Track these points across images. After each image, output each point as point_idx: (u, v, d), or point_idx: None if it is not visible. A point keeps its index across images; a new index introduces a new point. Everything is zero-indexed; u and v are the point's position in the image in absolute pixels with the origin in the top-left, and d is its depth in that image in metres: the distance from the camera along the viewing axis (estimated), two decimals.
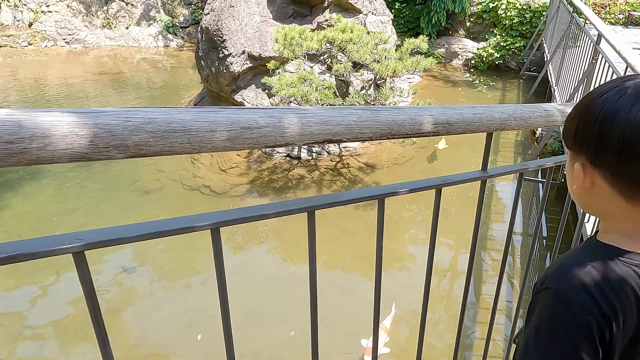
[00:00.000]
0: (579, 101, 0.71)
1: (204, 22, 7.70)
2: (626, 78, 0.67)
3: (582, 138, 0.68)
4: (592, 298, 0.65)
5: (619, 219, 0.71)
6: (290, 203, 0.88)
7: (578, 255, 0.72)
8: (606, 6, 15.56)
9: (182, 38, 15.87)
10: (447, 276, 4.74)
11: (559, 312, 0.67)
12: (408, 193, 1.06)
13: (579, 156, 0.70)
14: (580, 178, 0.70)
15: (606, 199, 0.70)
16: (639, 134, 0.61)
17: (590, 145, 0.67)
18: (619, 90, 0.64)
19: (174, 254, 5.06)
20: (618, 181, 0.67)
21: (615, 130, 0.62)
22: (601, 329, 0.65)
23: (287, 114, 0.77)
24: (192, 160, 6.99)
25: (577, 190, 0.73)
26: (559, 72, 7.14)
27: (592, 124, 0.65)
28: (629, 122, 0.61)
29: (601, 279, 0.66)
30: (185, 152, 0.66)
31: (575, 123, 0.69)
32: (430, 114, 0.99)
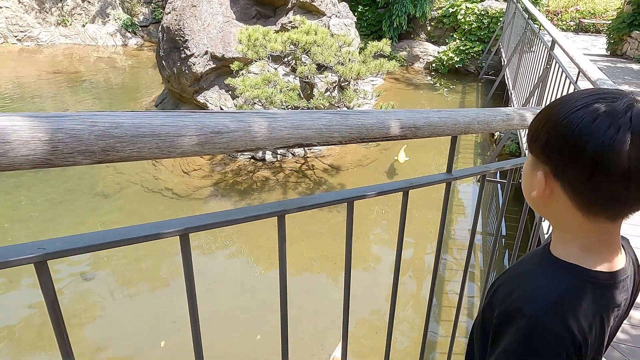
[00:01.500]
0: (550, 110, 0.70)
1: (165, 21, 7.55)
2: (600, 95, 0.66)
3: (553, 151, 0.67)
4: (568, 329, 0.65)
5: (577, 232, 0.71)
6: (261, 207, 0.88)
7: (548, 278, 0.71)
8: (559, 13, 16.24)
9: (141, 37, 15.49)
10: (410, 276, 4.82)
11: (534, 344, 0.66)
12: (376, 196, 1.08)
13: (542, 165, 0.70)
14: (542, 187, 0.70)
15: (563, 210, 0.70)
16: (611, 158, 0.61)
17: (560, 159, 0.66)
18: (595, 111, 0.63)
19: (135, 259, 4.92)
20: (579, 197, 0.67)
21: (589, 150, 0.62)
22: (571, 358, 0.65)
23: (257, 118, 0.76)
24: (154, 162, 6.83)
25: (534, 196, 0.73)
26: (516, 76, 7.40)
27: (566, 140, 0.64)
28: (604, 145, 0.61)
29: (576, 307, 0.66)
30: (154, 158, 0.65)
31: (547, 134, 0.68)
32: (398, 118, 1.01)
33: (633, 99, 0.64)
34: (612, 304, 0.70)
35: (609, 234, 0.70)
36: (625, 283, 0.72)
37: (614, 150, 0.61)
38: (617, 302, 0.71)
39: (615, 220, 0.69)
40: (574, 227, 0.71)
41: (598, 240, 0.70)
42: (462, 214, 6.02)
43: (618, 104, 0.63)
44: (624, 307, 0.74)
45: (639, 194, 0.63)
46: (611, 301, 0.70)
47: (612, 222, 0.69)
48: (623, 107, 0.62)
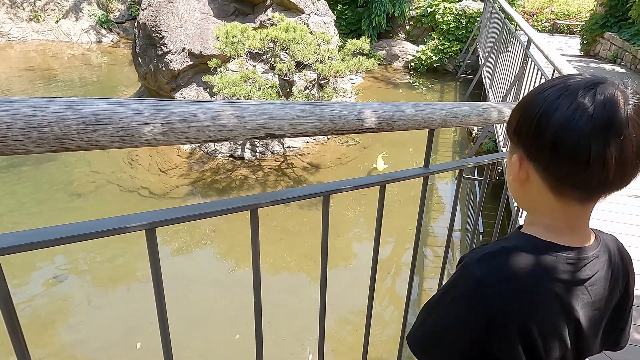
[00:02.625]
0: (525, 95, 0.72)
1: (141, 17, 7.41)
2: (569, 77, 0.67)
3: (521, 132, 0.69)
4: (489, 274, 0.67)
5: (545, 214, 0.72)
6: (233, 201, 0.85)
7: (500, 241, 0.74)
8: (534, 14, 16.54)
9: (117, 34, 15.21)
10: (389, 272, 4.83)
11: (456, 281, 0.71)
12: (352, 190, 1.05)
13: (517, 149, 0.71)
14: (516, 170, 0.71)
15: (537, 193, 0.71)
16: (571, 133, 0.61)
17: (527, 140, 0.68)
18: (560, 88, 0.65)
19: (109, 259, 4.81)
20: (549, 176, 0.68)
21: (550, 127, 0.63)
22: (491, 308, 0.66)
23: (227, 107, 0.73)
24: (130, 160, 6.70)
25: (512, 182, 0.74)
26: (493, 75, 7.49)
27: (532, 119, 0.66)
28: (564, 120, 0.62)
29: (510, 264, 0.68)
30: (115, 147, 0.61)
31: (517, 116, 0.70)
32: (374, 110, 0.99)
33: (599, 78, 0.65)
34: (566, 276, 0.69)
35: (575, 217, 0.71)
36: (585, 263, 0.71)
37: (572, 127, 0.61)
38: (576, 277, 0.70)
39: (584, 203, 0.69)
40: (544, 208, 0.72)
41: (563, 221, 0.71)
42: (440, 212, 6.06)
43: (582, 83, 0.64)
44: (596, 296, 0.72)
45: (602, 173, 0.62)
46: (565, 273, 0.69)
47: (581, 204, 0.69)
48: (587, 85, 0.63)
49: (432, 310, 0.75)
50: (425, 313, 0.77)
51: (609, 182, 0.64)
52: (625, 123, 0.61)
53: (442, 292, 0.74)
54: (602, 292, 0.74)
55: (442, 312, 0.73)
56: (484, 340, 0.67)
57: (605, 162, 0.61)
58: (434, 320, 0.74)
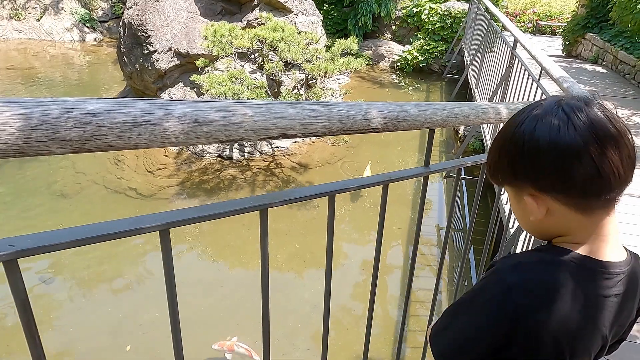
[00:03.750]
0: (497, 141, 0.74)
1: (126, 16, 7.32)
2: (534, 106, 0.71)
3: (518, 171, 0.70)
4: (520, 284, 0.67)
5: (577, 234, 0.72)
6: (243, 201, 0.85)
7: (532, 250, 0.76)
8: (517, 15, 16.76)
9: (101, 33, 15.00)
10: (379, 272, 4.85)
11: (486, 286, 0.71)
12: (357, 189, 1.06)
13: (524, 189, 0.72)
14: (535, 208, 0.71)
15: (563, 219, 0.71)
16: (565, 152, 0.64)
17: (530, 175, 0.69)
18: (532, 118, 0.68)
19: (97, 261, 4.75)
20: (571, 199, 0.68)
21: (543, 154, 0.66)
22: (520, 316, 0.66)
23: (242, 107, 0.73)
24: (116, 161, 6.62)
25: (533, 221, 0.74)
26: (478, 75, 7.58)
27: (522, 155, 0.68)
28: (552, 143, 0.65)
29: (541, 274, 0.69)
30: (134, 147, 0.61)
31: (506, 160, 0.71)
32: (380, 110, 1.00)
33: (559, 98, 0.70)
34: (598, 292, 0.70)
35: (606, 226, 0.72)
36: (620, 278, 0.72)
37: (566, 146, 0.64)
38: (605, 293, 0.71)
39: (609, 208, 0.71)
40: (576, 230, 0.72)
41: (596, 234, 0.72)
42: (427, 210, 6.11)
43: (549, 104, 0.69)
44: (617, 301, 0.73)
45: (614, 172, 0.65)
46: (597, 289, 0.70)
47: (607, 211, 0.71)
48: (553, 105, 0.68)
49: (459, 314, 0.75)
50: (451, 317, 0.76)
51: (623, 176, 0.66)
52: (603, 122, 0.65)
53: (470, 296, 0.74)
54: (628, 308, 0.75)
55: (470, 316, 0.73)
56: (503, 346, 0.68)
57: (613, 161, 0.64)
58: (462, 326, 0.74)
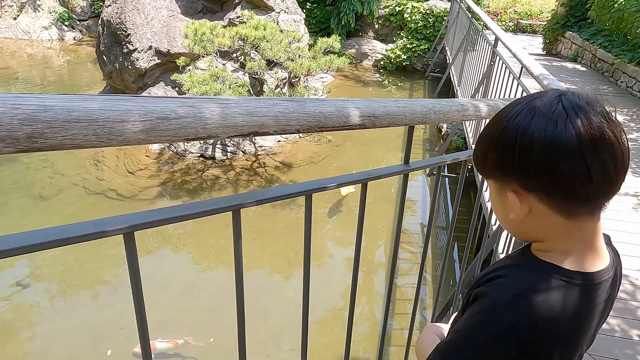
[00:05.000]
0: (489, 129, 0.69)
1: (105, 14, 7.20)
2: (533, 97, 0.66)
3: (506, 165, 0.66)
4: (523, 322, 0.64)
5: (560, 238, 0.69)
6: (214, 202, 0.81)
7: (523, 269, 0.71)
8: (498, 14, 16.93)
9: (80, 31, 14.75)
10: (364, 270, 4.84)
11: (486, 327, 0.66)
12: (335, 187, 1.04)
13: (508, 184, 0.68)
14: (517, 206, 0.68)
15: (545, 221, 0.68)
16: (558, 150, 0.61)
17: (517, 171, 0.65)
18: (530, 111, 0.64)
19: (77, 264, 4.65)
20: (555, 200, 0.65)
21: (536, 150, 0.62)
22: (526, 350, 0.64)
23: (209, 104, 0.70)
24: (95, 162, 6.50)
25: (513, 219, 0.70)
26: (461, 73, 7.62)
27: (513, 149, 0.64)
28: (547, 140, 0.61)
29: (539, 303, 0.65)
30: (91, 146, 0.57)
31: (494, 151, 0.67)
32: (357, 107, 0.97)
33: (560, 91, 0.65)
34: (590, 304, 0.68)
35: (591, 232, 0.69)
36: (607, 284, 0.70)
37: (559, 145, 0.61)
38: (596, 303, 0.69)
39: (594, 214, 0.68)
40: (558, 233, 0.69)
41: (581, 241, 0.69)
42: (410, 208, 6.12)
43: (550, 97, 0.64)
44: (603, 305, 0.72)
45: (605, 178, 0.62)
46: (589, 302, 0.68)
47: (592, 217, 0.68)
48: (554, 98, 0.64)
49: (457, 354, 0.70)
50: (449, 357, 0.71)
51: (614, 183, 0.63)
52: (602, 124, 0.61)
53: (466, 334, 0.69)
54: (609, 307, 0.74)
55: (471, 356, 0.68)
56: None
57: (605, 166, 0.61)
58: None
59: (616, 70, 8.19)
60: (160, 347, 3.64)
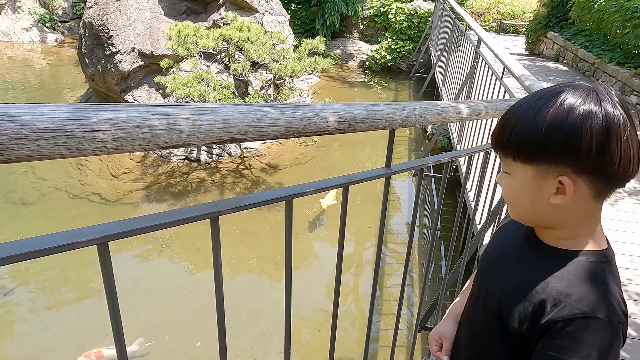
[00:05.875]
0: (546, 118, 0.71)
1: (86, 16, 7.10)
2: (567, 84, 0.73)
3: (567, 150, 0.70)
4: (625, 314, 0.74)
5: (581, 222, 0.76)
6: (192, 209, 0.80)
7: (597, 276, 0.75)
8: (482, 14, 17.09)
9: (62, 33, 14.55)
10: (352, 272, 4.85)
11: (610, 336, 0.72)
12: (315, 192, 1.03)
13: (557, 169, 0.72)
14: (572, 189, 0.72)
15: (580, 205, 0.74)
16: (614, 134, 0.68)
17: (578, 154, 0.69)
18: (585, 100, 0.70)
19: (60, 270, 4.58)
20: (600, 182, 0.71)
21: (599, 134, 0.68)
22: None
23: (184, 111, 0.69)
24: (78, 166, 6.41)
25: (544, 205, 0.75)
26: (445, 73, 7.67)
27: (579, 135, 0.68)
28: (607, 125, 0.68)
29: (617, 291, 0.75)
30: (60, 157, 0.56)
31: (556, 138, 0.70)
32: (336, 111, 0.97)
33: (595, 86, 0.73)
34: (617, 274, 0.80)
35: (600, 214, 0.78)
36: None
37: (615, 122, 0.68)
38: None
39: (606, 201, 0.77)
40: (583, 217, 0.76)
41: (598, 222, 0.78)
42: (397, 209, 6.14)
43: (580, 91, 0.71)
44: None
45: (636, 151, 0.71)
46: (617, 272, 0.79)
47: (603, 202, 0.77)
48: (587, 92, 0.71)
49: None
50: None
51: (637, 169, 0.72)
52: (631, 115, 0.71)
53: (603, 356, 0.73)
54: None
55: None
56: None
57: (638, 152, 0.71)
58: None
59: (597, 70, 8.32)
60: (108, 353, 3.57)
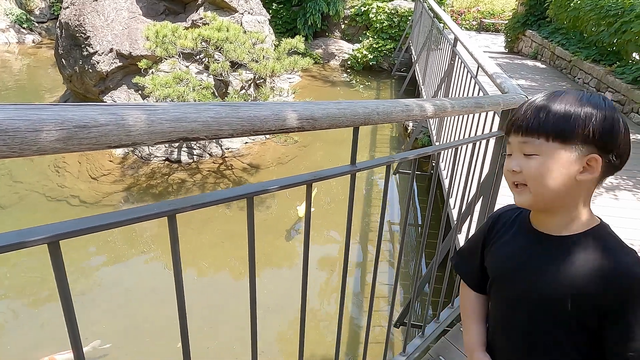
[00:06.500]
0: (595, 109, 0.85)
1: (63, 16, 7.00)
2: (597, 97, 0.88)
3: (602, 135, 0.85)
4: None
5: (583, 201, 0.92)
6: (148, 208, 0.81)
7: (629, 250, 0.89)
8: (462, 13, 17.26)
9: (39, 34, 14.31)
10: (335, 270, 4.86)
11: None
12: (278, 190, 1.04)
13: (589, 150, 0.85)
14: (599, 167, 0.86)
15: (588, 185, 0.89)
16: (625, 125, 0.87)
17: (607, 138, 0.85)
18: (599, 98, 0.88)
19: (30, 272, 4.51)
20: (613, 164, 0.88)
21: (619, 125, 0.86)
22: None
23: (133, 110, 0.70)
24: (56, 168, 6.33)
25: (570, 182, 0.87)
26: (425, 72, 7.74)
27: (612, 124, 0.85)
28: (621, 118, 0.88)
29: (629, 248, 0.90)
30: (3, 156, 0.56)
31: (599, 126, 0.84)
32: (294, 110, 0.98)
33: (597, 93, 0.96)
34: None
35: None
36: None
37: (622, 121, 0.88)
38: None
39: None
40: (588, 198, 0.92)
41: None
42: (378, 206, 6.18)
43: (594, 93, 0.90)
44: None
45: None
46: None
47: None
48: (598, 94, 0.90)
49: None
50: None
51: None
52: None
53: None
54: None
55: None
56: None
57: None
58: None
59: (573, 67, 8.48)
60: (61, 359, 3.52)
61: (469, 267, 1.18)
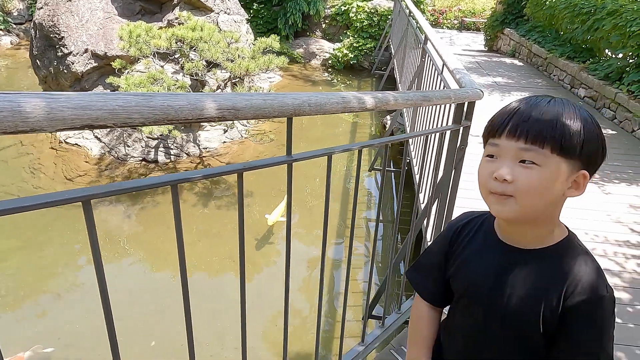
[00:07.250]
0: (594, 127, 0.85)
1: (37, 17, 6.95)
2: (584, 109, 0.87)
3: (591, 151, 0.84)
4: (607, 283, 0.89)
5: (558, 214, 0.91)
6: (61, 194, 0.83)
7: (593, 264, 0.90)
8: (444, 12, 17.41)
9: (17, 35, 14.14)
10: (317, 268, 4.88)
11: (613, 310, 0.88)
12: (203, 178, 1.07)
13: (578, 166, 0.84)
14: (585, 185, 0.86)
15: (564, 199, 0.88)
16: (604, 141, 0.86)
17: (594, 154, 0.84)
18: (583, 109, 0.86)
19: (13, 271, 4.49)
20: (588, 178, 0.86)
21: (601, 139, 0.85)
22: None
23: (32, 98, 0.73)
24: (31, 170, 6.28)
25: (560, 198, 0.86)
26: (402, 70, 7.81)
27: (598, 140, 0.84)
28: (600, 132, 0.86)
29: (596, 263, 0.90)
30: None
31: (592, 142, 0.84)
32: (214, 100, 1.01)
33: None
34: None
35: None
36: None
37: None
38: None
39: None
40: (560, 210, 0.90)
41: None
42: (364, 204, 6.21)
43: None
44: None
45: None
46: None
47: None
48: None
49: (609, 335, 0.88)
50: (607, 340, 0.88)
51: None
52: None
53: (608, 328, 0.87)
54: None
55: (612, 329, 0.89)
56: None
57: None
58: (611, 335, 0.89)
59: (549, 65, 8.61)
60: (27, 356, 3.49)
61: (427, 282, 1.12)
